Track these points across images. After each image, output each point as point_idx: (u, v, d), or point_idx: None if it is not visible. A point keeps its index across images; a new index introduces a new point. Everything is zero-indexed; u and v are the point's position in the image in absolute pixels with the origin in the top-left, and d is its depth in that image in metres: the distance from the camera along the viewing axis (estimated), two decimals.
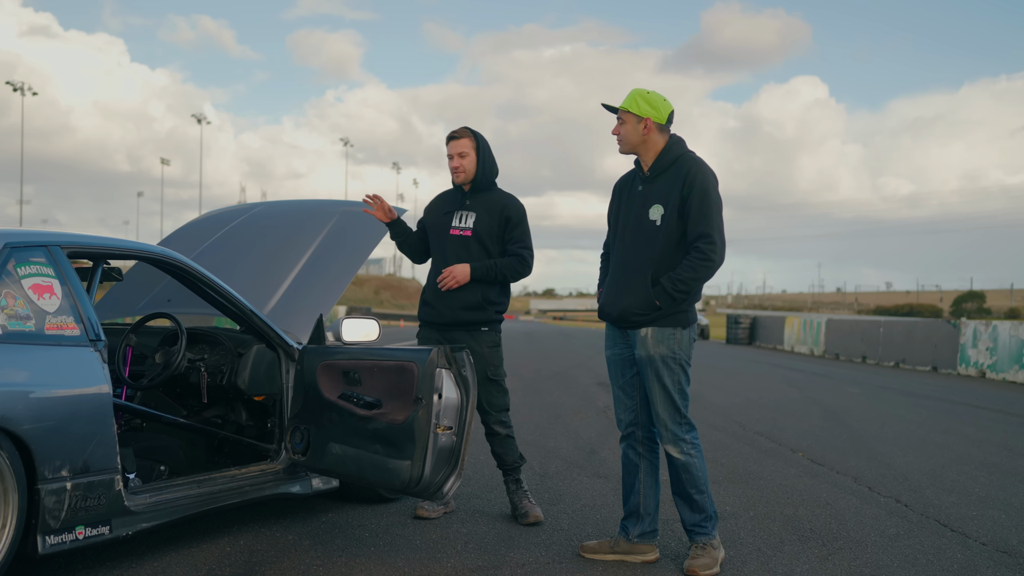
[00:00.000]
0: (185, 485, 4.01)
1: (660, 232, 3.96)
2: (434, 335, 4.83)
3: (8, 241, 3.50)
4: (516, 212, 4.86)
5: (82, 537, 3.48)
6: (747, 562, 4.14)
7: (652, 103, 4.01)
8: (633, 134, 4.04)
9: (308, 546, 4.16)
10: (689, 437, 4.02)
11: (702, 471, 4.02)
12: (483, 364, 4.77)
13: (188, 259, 4.22)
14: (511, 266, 4.78)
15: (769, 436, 8.24)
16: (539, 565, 3.99)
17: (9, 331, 3.34)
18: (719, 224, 3.91)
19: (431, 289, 4.87)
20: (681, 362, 3.99)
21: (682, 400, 4.02)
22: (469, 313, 4.76)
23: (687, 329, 4.00)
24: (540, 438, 7.72)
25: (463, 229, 4.81)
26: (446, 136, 4.87)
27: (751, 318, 34.54)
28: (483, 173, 4.83)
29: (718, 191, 3.96)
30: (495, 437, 4.86)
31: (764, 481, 6.08)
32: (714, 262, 3.88)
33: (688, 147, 4.07)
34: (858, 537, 4.64)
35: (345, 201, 5.95)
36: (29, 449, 3.25)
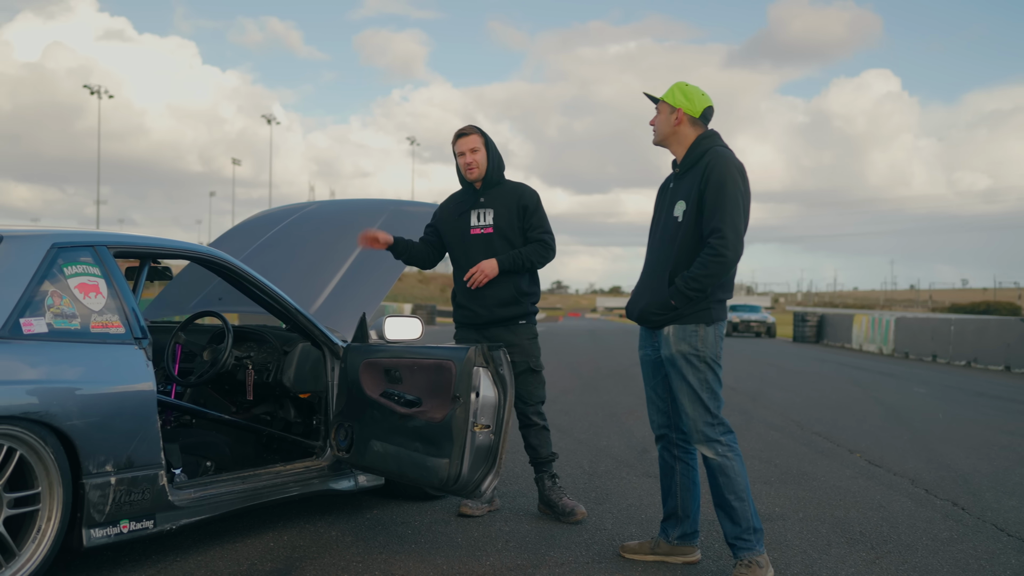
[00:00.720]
0: (230, 481, 4.08)
1: (680, 229, 3.86)
2: (473, 335, 4.84)
3: (55, 241, 3.59)
4: (532, 200, 4.85)
5: (126, 531, 3.55)
6: (791, 565, 4.07)
7: (688, 95, 3.94)
8: (664, 124, 3.98)
9: (350, 542, 4.19)
10: (724, 439, 3.84)
11: (741, 476, 3.83)
12: (524, 356, 4.80)
13: (232, 258, 4.29)
14: (537, 252, 4.79)
15: (827, 436, 8.10)
16: (578, 565, 3.97)
17: (55, 329, 3.42)
18: (732, 218, 3.73)
19: (463, 291, 4.86)
20: (707, 360, 3.83)
21: (712, 399, 3.84)
22: (506, 309, 4.77)
23: (712, 326, 3.84)
24: (593, 437, 7.69)
25: (483, 227, 4.81)
26: (453, 135, 4.85)
27: (818, 316, 33.98)
28: (494, 168, 4.82)
29: (739, 184, 3.78)
30: (532, 428, 4.84)
31: (817, 482, 5.97)
32: (726, 258, 3.72)
33: (722, 141, 3.94)
34: (909, 541, 4.54)
35: (394, 200, 5.99)
36: (74, 444, 3.33)
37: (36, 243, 3.54)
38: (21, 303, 3.35)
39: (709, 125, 4.00)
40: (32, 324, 3.36)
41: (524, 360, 4.79)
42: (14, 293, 3.34)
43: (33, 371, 3.27)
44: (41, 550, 3.28)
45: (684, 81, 4.02)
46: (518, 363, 4.81)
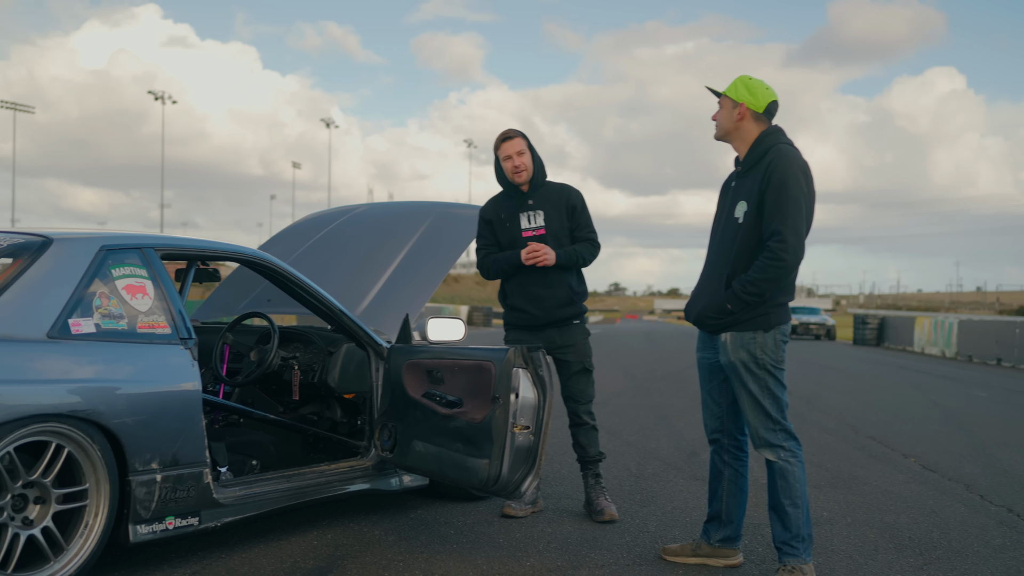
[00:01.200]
0: (274, 479, 4.13)
1: (740, 230, 3.77)
2: (526, 337, 4.85)
3: (104, 243, 3.68)
4: (579, 200, 4.92)
5: (172, 527, 3.62)
6: (836, 570, 4.02)
7: (751, 89, 3.84)
8: (727, 119, 3.88)
9: (392, 541, 4.23)
10: (787, 444, 3.77)
11: (800, 482, 3.76)
12: (579, 356, 4.85)
13: (278, 260, 4.35)
14: (587, 249, 4.86)
15: (882, 440, 7.97)
16: (619, 567, 3.96)
17: (103, 329, 3.50)
18: (794, 221, 3.63)
19: (517, 294, 4.86)
20: (767, 366, 3.74)
21: (774, 406, 3.77)
22: (562, 310, 4.83)
23: (771, 332, 3.74)
24: (642, 439, 7.66)
25: (535, 229, 4.83)
26: (497, 139, 4.87)
27: (879, 318, 33.41)
28: (539, 169, 4.87)
29: (801, 184, 3.68)
30: (582, 427, 4.88)
31: (868, 487, 5.88)
32: (785, 262, 3.62)
33: (785, 138, 3.83)
34: (960, 547, 4.45)
35: (440, 203, 6.03)
36: (120, 442, 3.40)
37: (85, 245, 3.63)
38: (70, 304, 3.43)
39: (773, 120, 3.90)
40: (80, 324, 3.44)
41: (579, 360, 4.85)
42: (63, 294, 3.43)
43: (81, 370, 3.36)
44: (88, 545, 3.36)
45: (748, 75, 3.91)
46: (572, 363, 4.86)
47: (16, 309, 3.31)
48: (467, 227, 5.51)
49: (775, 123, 3.90)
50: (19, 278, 3.40)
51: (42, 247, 3.55)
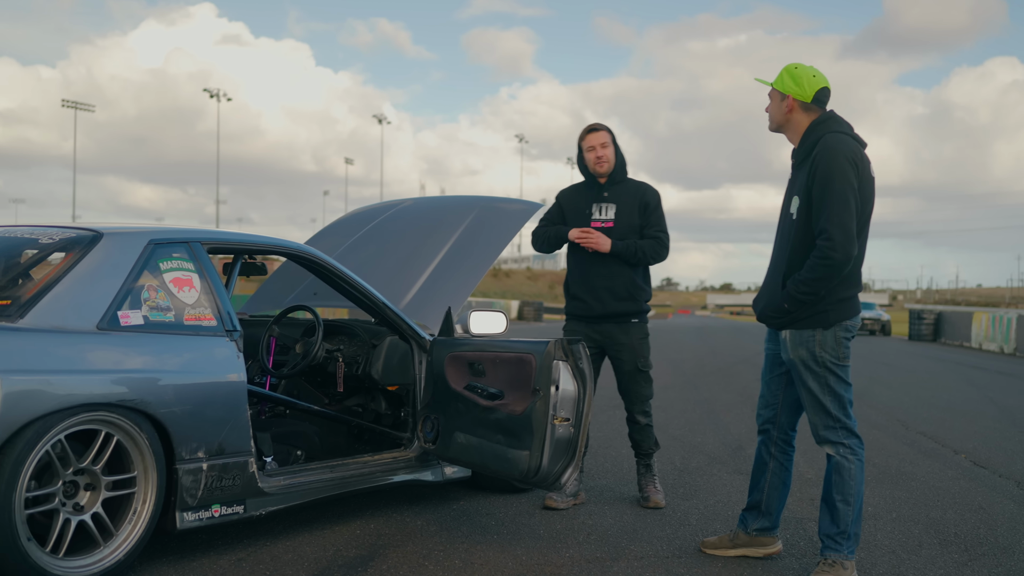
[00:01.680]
0: (318, 469, 4.21)
1: (794, 227, 3.74)
2: (583, 329, 4.92)
3: (152, 238, 3.77)
4: (653, 198, 4.97)
5: (217, 515, 3.71)
6: (877, 564, 3.99)
7: (797, 79, 3.76)
8: (777, 112, 3.85)
9: (434, 532, 4.28)
10: (848, 442, 3.74)
11: (855, 480, 3.71)
12: (633, 356, 4.90)
13: (321, 254, 4.42)
14: (651, 247, 4.88)
15: (933, 436, 7.87)
16: (658, 559, 3.97)
17: (151, 321, 3.59)
18: (840, 217, 3.56)
19: (578, 283, 4.96)
20: (826, 364, 3.70)
21: (835, 404, 3.73)
22: (619, 303, 4.88)
23: (831, 329, 3.69)
24: (688, 433, 7.64)
25: (604, 221, 4.92)
26: (583, 131, 4.97)
27: (935, 313, 32.87)
28: (620, 165, 4.95)
29: (848, 176, 3.58)
30: (636, 425, 4.98)
31: (916, 482, 5.82)
32: (833, 260, 3.56)
33: (836, 125, 3.73)
34: (1006, 543, 4.39)
35: (485, 197, 6.06)
36: (167, 431, 3.49)
37: (134, 239, 3.72)
38: (119, 296, 3.53)
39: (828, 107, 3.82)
40: (129, 316, 3.53)
41: (632, 360, 4.91)
42: (112, 287, 3.52)
43: (129, 361, 3.45)
44: (137, 531, 3.45)
45: (795, 63, 3.84)
46: (626, 362, 4.91)
47: (67, 302, 3.41)
48: (511, 221, 5.56)
49: (829, 109, 3.82)
50: (70, 271, 3.50)
51: (92, 241, 3.65)
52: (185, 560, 3.70)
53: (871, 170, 3.72)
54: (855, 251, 3.62)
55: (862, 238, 3.71)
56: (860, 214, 3.65)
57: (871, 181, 3.71)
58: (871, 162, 3.75)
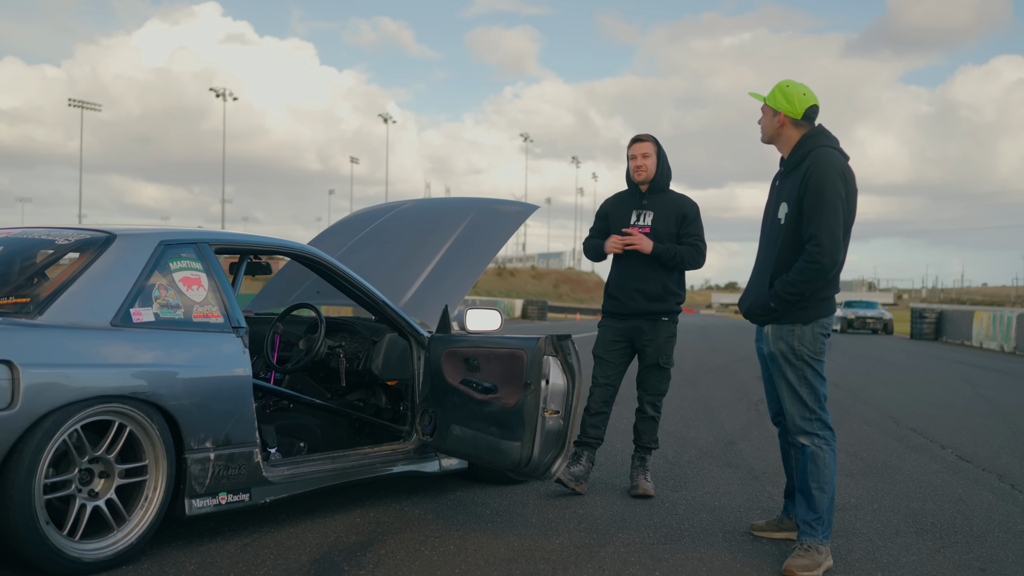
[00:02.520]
0: (320, 460, 4.40)
1: (782, 232, 3.99)
2: (614, 324, 5.25)
3: (163, 239, 3.97)
4: (692, 209, 5.26)
5: (224, 502, 3.91)
6: (853, 551, 4.18)
7: (788, 97, 4.02)
8: (769, 126, 4.11)
9: (431, 520, 4.48)
10: (822, 433, 3.97)
11: (829, 469, 3.95)
12: (657, 351, 5.19)
13: (323, 253, 4.61)
14: (689, 253, 5.17)
15: (922, 432, 8.05)
16: (644, 545, 4.16)
17: (161, 318, 3.79)
18: (830, 225, 3.82)
19: (615, 283, 5.28)
20: (804, 357, 3.95)
21: (811, 396, 3.97)
22: (652, 304, 5.17)
23: (809, 324, 3.94)
24: (682, 428, 7.83)
25: (642, 227, 5.20)
26: (631, 139, 5.29)
27: (937, 312, 33.00)
28: (661, 175, 5.24)
29: (839, 188, 3.85)
30: (643, 416, 5.28)
31: (901, 475, 6.00)
32: (821, 264, 3.82)
33: (825, 140, 3.99)
34: (980, 532, 4.58)
35: (484, 199, 6.26)
36: (177, 422, 3.69)
37: (146, 240, 3.92)
38: (131, 295, 3.73)
39: (816, 121, 4.06)
40: (141, 313, 3.73)
41: (655, 355, 5.20)
42: (125, 286, 3.72)
43: (141, 356, 3.65)
44: (148, 516, 3.65)
45: (787, 80, 4.09)
46: (648, 356, 5.20)
47: (83, 299, 3.61)
48: (508, 223, 5.77)
49: (819, 124, 4.07)
50: (85, 271, 3.70)
51: (106, 242, 3.85)
52: (193, 545, 3.90)
53: (855, 182, 4.00)
54: (841, 257, 3.90)
55: (845, 244, 3.96)
56: (845, 223, 3.91)
57: (855, 192, 4.00)
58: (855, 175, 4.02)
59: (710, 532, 4.43)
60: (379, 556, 3.86)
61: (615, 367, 5.24)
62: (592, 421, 5.23)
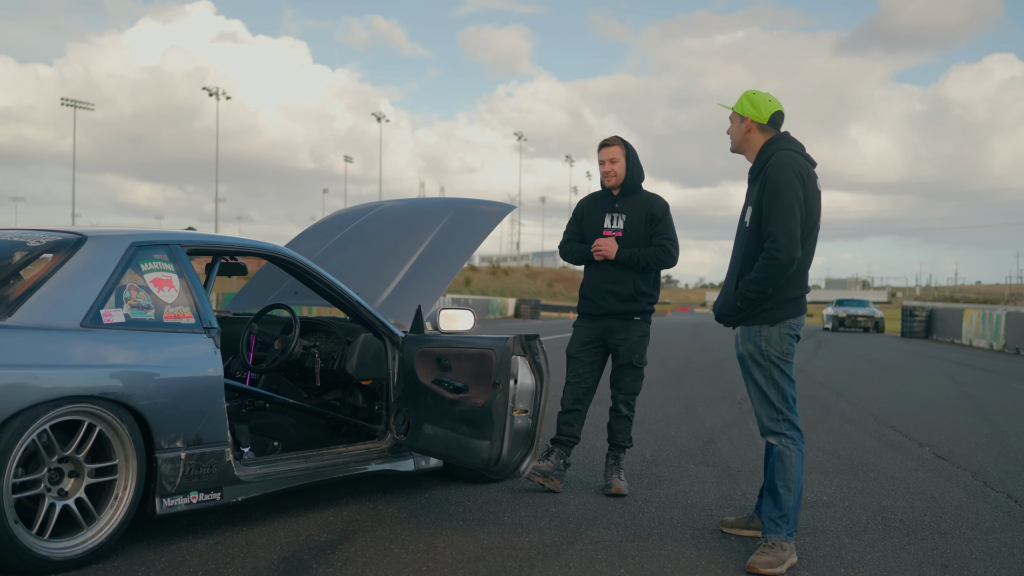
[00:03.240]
0: (293, 459, 4.44)
1: (747, 233, 4.10)
2: (588, 324, 5.32)
3: (134, 240, 4.01)
4: (659, 208, 5.30)
5: (195, 501, 3.94)
6: (820, 547, 4.23)
7: (754, 103, 4.15)
8: (736, 133, 4.22)
9: (403, 518, 4.52)
10: (789, 433, 4.04)
11: (796, 468, 4.01)
12: (630, 351, 5.26)
13: (296, 254, 4.65)
14: (655, 255, 5.21)
15: (901, 430, 8.11)
16: (612, 543, 4.21)
17: (132, 319, 3.83)
18: (785, 222, 3.91)
19: (589, 285, 5.36)
20: (772, 358, 4.03)
21: (778, 396, 4.04)
22: (624, 304, 5.25)
23: (776, 326, 4.02)
24: (663, 427, 7.88)
25: (615, 230, 5.28)
26: (599, 144, 5.33)
27: (927, 310, 33.11)
28: (632, 177, 5.29)
29: (794, 187, 3.93)
30: (617, 415, 5.35)
31: (875, 473, 6.05)
32: (778, 260, 3.90)
33: (787, 144, 4.08)
34: (947, 529, 4.63)
35: (462, 199, 6.30)
36: (147, 422, 3.73)
37: (117, 242, 3.95)
38: (102, 296, 3.76)
39: (782, 128, 4.19)
40: (111, 314, 3.77)
41: (627, 354, 5.28)
42: (95, 287, 3.76)
43: (110, 356, 3.68)
44: (118, 515, 3.69)
45: (753, 90, 4.23)
46: (622, 355, 5.27)
47: (52, 300, 3.64)
48: (485, 222, 5.81)
49: (784, 130, 4.19)
50: (56, 272, 3.73)
51: (77, 244, 3.88)
52: (165, 543, 3.94)
53: (817, 184, 4.09)
54: (798, 253, 3.96)
55: (808, 244, 4.06)
56: (806, 223, 4.02)
57: (817, 194, 4.08)
58: (818, 178, 4.12)
59: (679, 529, 4.48)
60: (348, 554, 3.90)
61: (587, 366, 5.30)
62: (565, 419, 5.29)
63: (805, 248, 4.03)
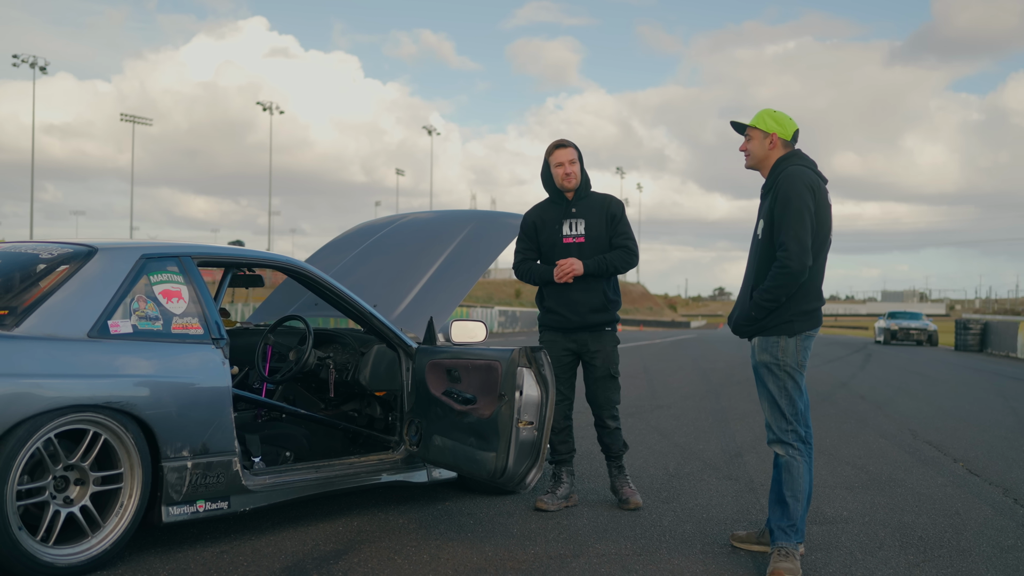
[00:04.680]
0: (303, 470, 4.47)
1: (760, 246, 4.15)
2: (560, 339, 5.13)
3: (144, 252, 4.08)
4: (618, 208, 5.18)
5: (202, 510, 3.99)
6: (830, 563, 4.16)
7: (778, 120, 4.20)
8: (759, 149, 4.23)
9: (412, 529, 4.52)
10: (796, 444, 4.07)
11: (803, 479, 4.04)
12: (606, 362, 5.12)
13: (308, 265, 4.70)
14: (620, 258, 5.07)
15: (937, 445, 7.94)
16: (618, 556, 4.18)
17: (139, 330, 3.89)
18: (796, 231, 3.95)
19: (552, 296, 5.15)
20: (787, 369, 4.07)
21: (789, 407, 4.07)
22: (595, 315, 5.09)
23: (794, 337, 4.06)
24: (692, 441, 7.80)
25: (576, 236, 5.11)
26: (551, 147, 5.17)
27: (982, 323, 32.43)
28: (585, 181, 5.16)
29: (806, 199, 3.99)
30: (605, 429, 5.19)
31: (902, 489, 5.94)
32: (789, 268, 3.95)
33: (799, 160, 4.14)
34: (966, 546, 4.52)
35: (480, 211, 6.32)
36: (152, 431, 3.78)
37: (127, 254, 4.03)
38: (110, 307, 3.83)
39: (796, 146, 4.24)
40: (119, 325, 3.83)
41: (605, 366, 5.12)
42: (103, 298, 3.83)
43: (116, 366, 3.74)
44: (123, 523, 3.74)
45: (770, 108, 4.27)
46: (599, 367, 5.12)
47: (60, 311, 3.72)
48: (503, 233, 5.84)
49: (797, 147, 4.24)
50: (65, 284, 3.81)
51: (87, 256, 3.96)
52: (171, 552, 3.99)
53: (828, 198, 4.15)
54: (809, 262, 4.00)
55: (821, 256, 4.11)
56: (817, 234, 4.05)
57: (828, 207, 4.14)
58: (828, 192, 4.17)
59: (689, 543, 4.44)
60: (351, 564, 3.91)
61: (566, 382, 5.12)
62: (559, 438, 5.14)
63: (818, 260, 4.07)
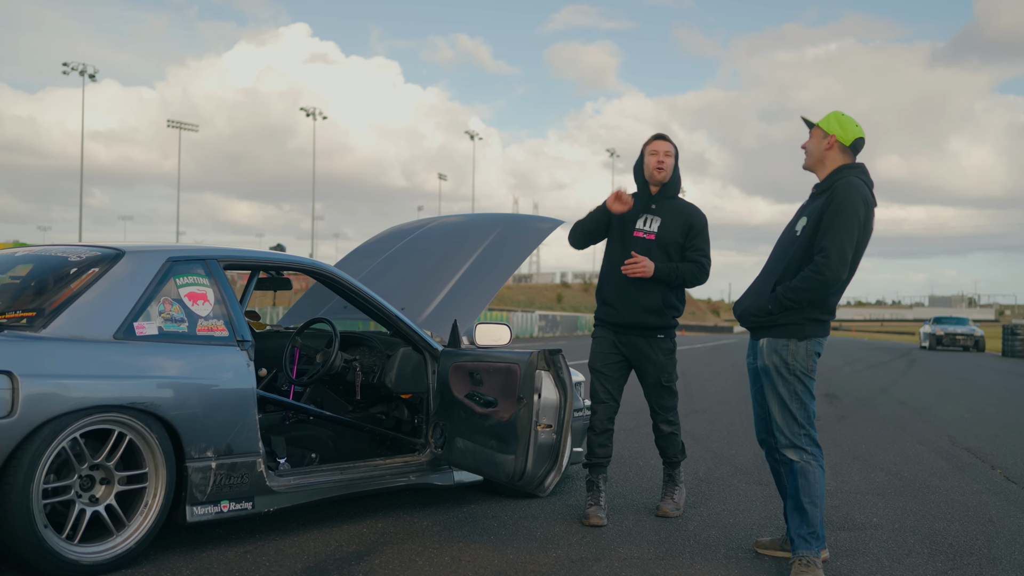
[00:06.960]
0: (328, 471, 4.50)
1: (796, 243, 4.07)
2: (610, 336, 5.02)
3: (171, 255, 4.13)
4: (699, 220, 5.03)
5: (227, 510, 4.03)
6: (855, 570, 4.11)
7: (842, 123, 4.14)
8: (816, 148, 4.18)
9: (436, 532, 4.54)
10: (810, 449, 4.02)
11: (819, 484, 3.99)
12: (658, 371, 4.99)
13: (333, 267, 4.73)
14: (691, 271, 4.93)
15: (976, 452, 7.82)
16: (640, 560, 4.15)
17: (165, 331, 3.94)
18: (841, 241, 3.88)
19: (610, 288, 5.02)
20: (797, 373, 4.00)
21: (800, 411, 4.02)
22: (650, 316, 4.93)
23: (804, 341, 4.00)
24: (725, 446, 7.75)
25: (647, 232, 4.97)
26: (651, 137, 5.07)
27: None
28: (675, 180, 5.05)
29: (859, 213, 3.92)
30: (660, 433, 5.12)
31: (936, 495, 5.85)
32: (825, 276, 3.88)
33: (861, 174, 4.07)
34: (998, 555, 4.45)
35: (510, 215, 6.33)
36: (177, 432, 3.83)
37: (153, 257, 4.08)
38: (136, 309, 3.88)
39: (857, 158, 4.16)
40: (144, 327, 3.89)
41: (656, 375, 5.00)
42: (129, 301, 3.88)
43: (141, 367, 3.79)
44: (147, 522, 3.79)
45: (839, 111, 4.20)
46: (650, 375, 5.01)
47: (87, 313, 3.77)
48: (530, 237, 5.82)
49: (859, 160, 4.16)
50: (92, 286, 3.87)
51: (115, 258, 4.02)
52: (195, 551, 4.03)
53: (872, 222, 4.06)
54: (844, 275, 3.94)
55: (852, 268, 4.02)
56: (857, 247, 3.98)
57: (870, 231, 4.06)
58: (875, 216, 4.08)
59: (713, 549, 4.40)
60: (372, 565, 3.93)
61: (614, 381, 5.02)
62: (599, 440, 4.99)
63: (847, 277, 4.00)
